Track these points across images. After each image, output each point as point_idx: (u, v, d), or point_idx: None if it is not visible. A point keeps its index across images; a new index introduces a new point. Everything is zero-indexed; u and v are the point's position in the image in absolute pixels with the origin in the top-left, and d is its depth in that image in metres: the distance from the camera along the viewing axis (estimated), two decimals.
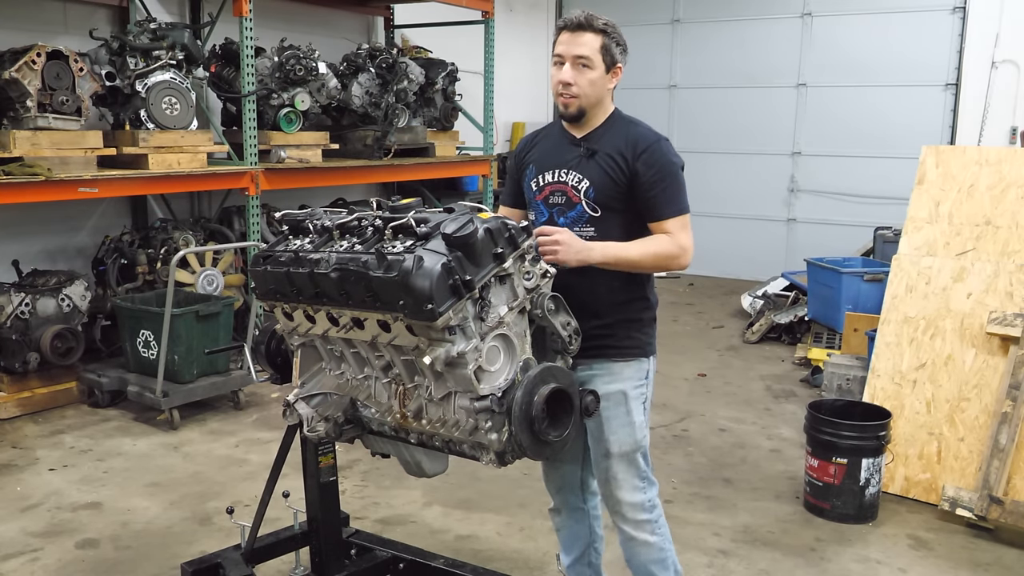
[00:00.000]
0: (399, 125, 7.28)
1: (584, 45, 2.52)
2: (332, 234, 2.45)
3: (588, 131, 2.63)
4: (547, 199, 2.65)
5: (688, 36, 10.08)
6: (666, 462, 4.64)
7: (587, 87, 2.54)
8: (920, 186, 4.67)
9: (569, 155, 2.63)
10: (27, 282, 5.40)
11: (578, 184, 2.59)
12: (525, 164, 2.74)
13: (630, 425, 2.65)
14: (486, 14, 8.02)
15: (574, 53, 2.53)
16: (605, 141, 2.60)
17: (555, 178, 2.64)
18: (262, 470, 4.26)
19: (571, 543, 2.98)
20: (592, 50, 2.53)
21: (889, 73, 8.91)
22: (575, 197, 2.59)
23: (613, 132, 2.61)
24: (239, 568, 2.86)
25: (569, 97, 2.56)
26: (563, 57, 2.55)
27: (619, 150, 2.57)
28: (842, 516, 3.93)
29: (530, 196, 2.71)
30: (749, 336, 7.26)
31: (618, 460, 2.65)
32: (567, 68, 2.54)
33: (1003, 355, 4.09)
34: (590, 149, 2.60)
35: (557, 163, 2.64)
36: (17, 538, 3.72)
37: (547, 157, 2.68)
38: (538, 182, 2.67)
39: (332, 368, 2.63)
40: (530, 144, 2.79)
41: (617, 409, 2.62)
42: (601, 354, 2.61)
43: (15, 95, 5.07)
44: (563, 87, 2.55)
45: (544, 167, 2.67)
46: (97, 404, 5.36)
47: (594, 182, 2.57)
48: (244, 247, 6.06)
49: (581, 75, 2.53)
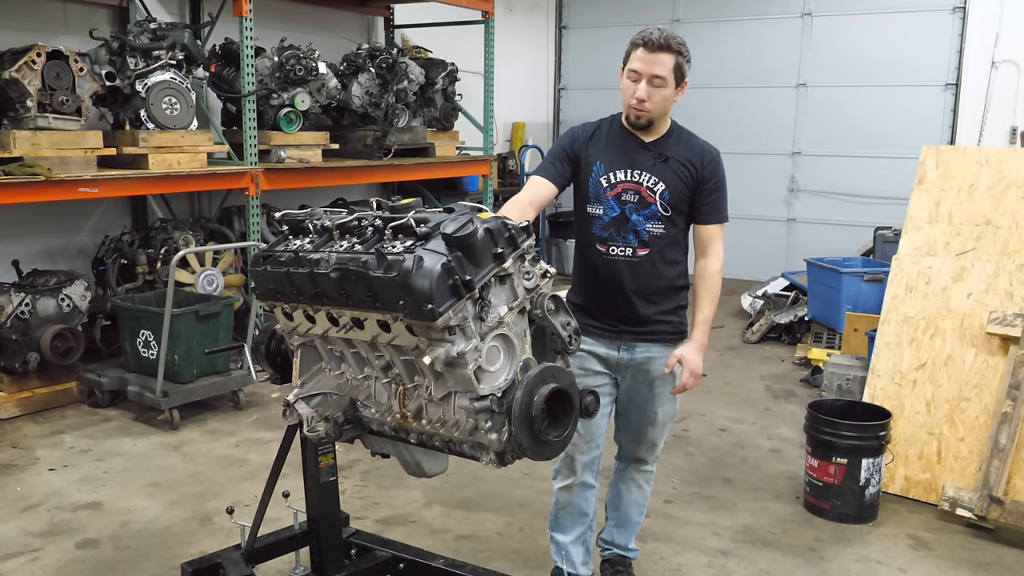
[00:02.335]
0: (399, 125, 7.28)
1: (661, 65, 2.75)
2: (332, 234, 2.45)
3: (655, 137, 2.89)
4: (619, 196, 2.88)
5: (688, 36, 9.75)
6: (666, 462, 4.64)
7: (660, 103, 2.80)
8: (920, 186, 4.68)
9: (641, 158, 2.88)
10: (27, 282, 5.40)
11: (653, 186, 2.86)
12: (588, 157, 2.92)
13: (674, 400, 3.08)
14: (486, 14, 8.02)
15: (652, 72, 2.75)
16: (676, 149, 2.88)
17: (628, 177, 2.88)
18: (262, 470, 4.26)
19: (573, 522, 3.18)
20: (667, 70, 2.76)
21: (889, 73, 8.91)
22: (650, 197, 2.86)
23: (680, 141, 2.91)
24: (239, 568, 2.86)
25: (642, 111, 2.80)
26: (640, 74, 2.77)
27: (689, 159, 2.88)
28: (842, 516, 3.93)
29: (598, 191, 2.91)
30: (749, 336, 7.26)
31: (661, 427, 3.10)
32: (643, 85, 2.76)
33: (1003, 355, 4.09)
34: (663, 155, 2.87)
35: (629, 164, 2.88)
36: (17, 538, 3.72)
37: (617, 156, 2.89)
38: (609, 179, 2.89)
39: (332, 368, 2.63)
40: (590, 137, 2.96)
41: (667, 387, 2.98)
42: (659, 339, 2.97)
43: (15, 95, 5.07)
44: (638, 102, 2.78)
45: (614, 165, 2.88)
46: (97, 404, 5.36)
47: (669, 186, 2.86)
48: (244, 247, 6.06)
49: (656, 92, 2.77)
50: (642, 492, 3.26)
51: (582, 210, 2.95)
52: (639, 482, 3.23)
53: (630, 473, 3.23)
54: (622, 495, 3.26)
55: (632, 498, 3.25)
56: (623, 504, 3.27)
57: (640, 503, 3.27)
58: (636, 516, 3.29)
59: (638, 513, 3.29)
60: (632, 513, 3.28)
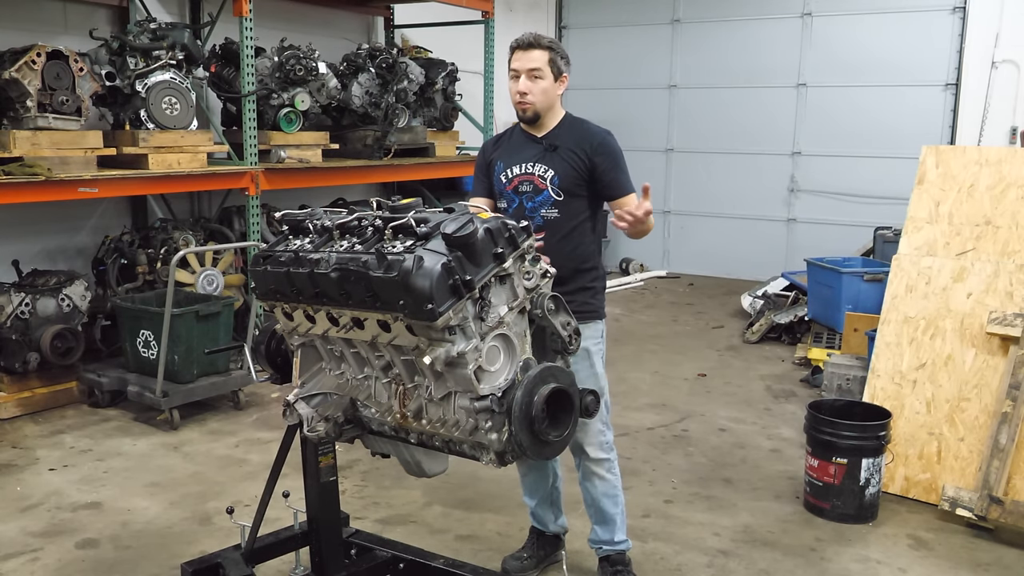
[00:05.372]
0: (399, 125, 7.28)
1: (534, 60, 3.04)
2: (332, 234, 2.45)
3: (546, 131, 3.15)
4: (516, 188, 3.15)
5: (688, 36, 10.08)
6: (666, 462, 4.64)
7: (540, 95, 3.07)
8: (920, 186, 4.68)
9: (532, 151, 3.15)
10: (27, 282, 5.40)
11: (543, 173, 3.11)
12: (493, 162, 3.24)
13: (595, 376, 3.15)
14: (486, 14, 8.02)
15: (527, 68, 3.05)
16: (564, 138, 3.12)
17: (523, 170, 3.14)
18: (262, 470, 4.26)
19: (536, 486, 3.43)
20: (542, 63, 3.04)
21: (889, 73, 8.91)
22: (541, 184, 3.11)
23: (569, 131, 3.14)
24: (239, 568, 2.86)
25: (525, 104, 3.08)
26: (518, 71, 3.07)
27: (579, 144, 3.11)
28: (842, 516, 3.93)
29: (500, 187, 3.20)
30: (749, 336, 7.26)
31: None
32: (523, 79, 3.06)
33: (1003, 355, 4.09)
34: (552, 145, 3.12)
35: (523, 158, 3.15)
36: (17, 538, 3.72)
37: (513, 154, 3.19)
38: (507, 175, 3.17)
39: (332, 368, 2.63)
40: (495, 146, 3.30)
41: (583, 363, 3.08)
42: None
43: (15, 95, 5.07)
44: (520, 96, 3.07)
45: (511, 162, 3.17)
46: (97, 404, 5.36)
47: (558, 172, 3.09)
48: (244, 247, 6.06)
49: (534, 84, 3.05)
50: (606, 483, 3.26)
51: (496, 207, 3.23)
52: (599, 474, 3.25)
53: (585, 467, 3.27)
54: (589, 491, 3.30)
55: (599, 491, 3.27)
56: (594, 500, 3.30)
57: (610, 494, 3.28)
58: (611, 508, 3.29)
59: (612, 505, 3.29)
60: (606, 506, 3.29)
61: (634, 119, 10.14)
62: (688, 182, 10.32)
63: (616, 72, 10.41)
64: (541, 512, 3.46)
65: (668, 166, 10.36)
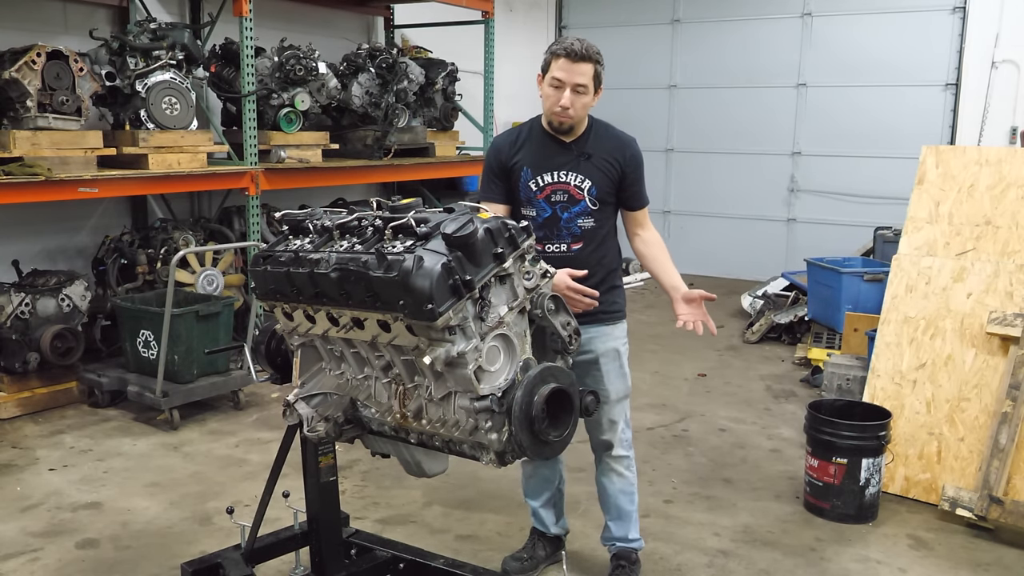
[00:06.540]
0: (399, 125, 7.28)
1: (583, 75, 2.89)
2: (332, 234, 2.45)
3: (575, 136, 3.04)
4: (549, 197, 3.03)
5: (688, 36, 10.07)
6: (666, 462, 4.64)
7: (581, 110, 2.95)
8: (920, 186, 4.68)
9: (564, 158, 3.03)
10: (27, 282, 5.40)
11: (580, 184, 3.01)
12: (516, 166, 3.06)
13: (624, 376, 3.19)
14: (486, 14, 8.02)
15: (575, 81, 2.88)
16: (596, 145, 3.03)
17: (556, 179, 3.02)
18: (262, 470, 4.26)
19: (541, 488, 3.43)
20: (588, 78, 2.91)
21: (889, 73, 8.91)
22: (578, 195, 3.02)
23: (600, 137, 3.06)
24: (239, 568, 2.86)
25: (565, 118, 2.94)
26: (563, 83, 2.89)
27: (612, 153, 3.04)
28: (842, 516, 3.93)
29: (528, 195, 3.05)
30: (749, 336, 7.27)
31: (616, 405, 3.17)
32: (567, 94, 2.89)
33: (1003, 355, 4.09)
34: (586, 153, 3.02)
35: (554, 165, 3.02)
36: (17, 538, 3.72)
37: (542, 160, 3.03)
38: (537, 183, 3.03)
39: (332, 368, 2.63)
40: (513, 147, 3.09)
41: (613, 363, 3.13)
42: (597, 319, 3.04)
43: (15, 95, 5.07)
44: (562, 110, 2.92)
45: (541, 169, 3.03)
46: (97, 404, 5.36)
47: (595, 181, 3.01)
48: (244, 247, 6.06)
49: (578, 99, 2.91)
50: (624, 480, 3.28)
51: (517, 214, 3.08)
52: (618, 471, 3.27)
53: (606, 464, 3.28)
54: (606, 488, 3.31)
55: (616, 488, 3.29)
56: (610, 497, 3.31)
57: (627, 491, 3.30)
58: (627, 505, 3.31)
59: (628, 502, 3.31)
60: (622, 503, 3.30)
61: (634, 119, 10.09)
62: (688, 182, 10.32)
63: (616, 72, 10.27)
64: (544, 513, 3.47)
65: (668, 166, 10.36)
